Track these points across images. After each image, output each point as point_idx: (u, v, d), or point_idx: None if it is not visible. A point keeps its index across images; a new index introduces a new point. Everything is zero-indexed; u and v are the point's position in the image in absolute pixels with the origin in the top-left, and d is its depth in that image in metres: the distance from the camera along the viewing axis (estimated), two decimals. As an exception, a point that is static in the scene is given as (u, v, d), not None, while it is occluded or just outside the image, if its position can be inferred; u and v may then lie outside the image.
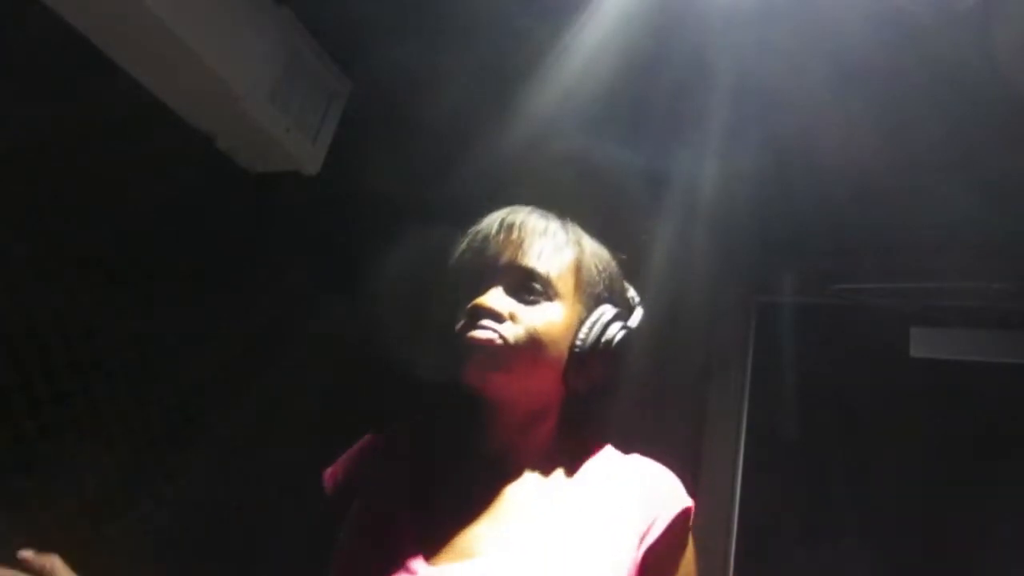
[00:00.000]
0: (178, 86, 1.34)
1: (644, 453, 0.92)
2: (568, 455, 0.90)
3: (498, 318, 0.85)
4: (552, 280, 0.88)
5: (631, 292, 1.00)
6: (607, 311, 0.90)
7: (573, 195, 1.72)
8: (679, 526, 0.83)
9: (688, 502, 0.86)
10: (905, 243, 1.69)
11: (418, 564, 0.79)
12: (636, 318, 0.96)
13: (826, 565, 1.65)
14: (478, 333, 0.84)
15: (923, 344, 1.71)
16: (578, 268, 0.91)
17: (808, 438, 1.73)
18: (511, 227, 0.91)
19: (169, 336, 1.46)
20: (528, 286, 0.88)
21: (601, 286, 0.93)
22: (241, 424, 1.58)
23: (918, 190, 1.49)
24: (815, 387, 1.77)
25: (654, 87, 1.40)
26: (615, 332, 0.89)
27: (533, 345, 0.85)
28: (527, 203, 0.98)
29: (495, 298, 0.86)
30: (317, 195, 1.72)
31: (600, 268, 0.94)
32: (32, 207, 1.23)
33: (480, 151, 1.60)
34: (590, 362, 0.88)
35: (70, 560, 0.76)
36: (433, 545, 0.81)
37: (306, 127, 1.48)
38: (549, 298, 0.88)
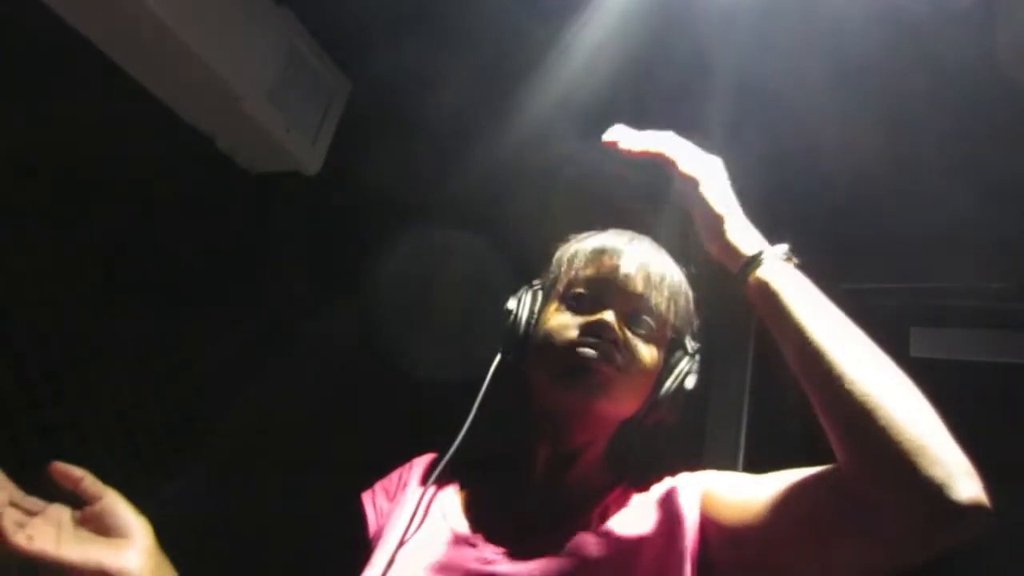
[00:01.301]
0: (178, 86, 1.34)
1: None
2: (612, 484, 0.89)
3: (619, 343, 0.83)
4: (665, 321, 0.88)
5: (692, 336, 0.97)
6: (685, 363, 0.91)
7: (571, 196, 1.72)
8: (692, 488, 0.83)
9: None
10: (905, 243, 1.69)
11: None
12: (696, 362, 0.94)
13: (826, 565, 1.65)
14: (597, 356, 0.82)
15: (923, 344, 1.70)
16: (677, 315, 0.91)
17: (808, 438, 1.72)
18: (643, 251, 0.91)
19: (169, 336, 1.46)
20: (643, 319, 0.87)
21: (683, 333, 0.93)
22: (241, 424, 1.58)
23: (918, 190, 1.49)
24: (815, 387, 1.77)
25: (654, 87, 1.40)
26: (689, 384, 0.90)
27: (639, 380, 0.86)
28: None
29: (616, 321, 0.84)
30: (317, 195, 1.72)
31: (688, 317, 0.94)
32: (32, 207, 1.23)
33: (480, 151, 1.60)
34: (664, 409, 0.89)
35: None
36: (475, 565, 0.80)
37: (306, 127, 1.48)
38: (655, 338, 0.88)
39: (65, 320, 1.26)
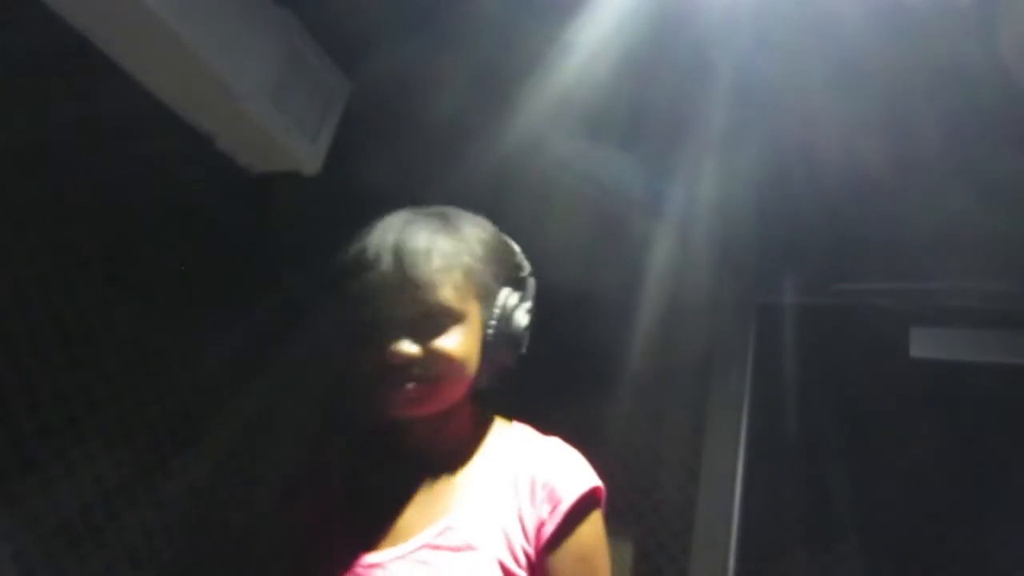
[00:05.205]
0: (178, 86, 1.34)
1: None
2: (484, 436, 0.94)
3: (413, 363, 0.85)
4: (453, 305, 0.86)
5: (519, 261, 0.98)
6: (508, 299, 0.91)
7: (572, 196, 1.72)
8: (579, 511, 0.85)
9: (593, 482, 0.87)
10: (905, 243, 1.69)
11: (356, 556, 0.85)
12: (531, 290, 0.97)
13: (826, 564, 1.65)
14: (399, 392, 0.85)
15: (923, 344, 1.71)
16: (469, 275, 0.88)
17: (808, 438, 1.73)
18: (395, 256, 0.87)
19: (169, 336, 1.46)
20: (432, 318, 0.86)
21: (492, 276, 0.91)
22: (241, 425, 1.58)
23: (918, 190, 1.49)
24: (815, 387, 1.77)
25: (654, 87, 1.40)
26: (520, 318, 0.92)
27: (456, 371, 0.87)
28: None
29: (406, 346, 0.85)
30: (317, 195, 1.72)
31: (489, 261, 0.92)
32: (32, 207, 1.23)
33: (479, 151, 1.60)
34: (502, 352, 0.91)
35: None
36: (369, 539, 0.87)
37: (306, 127, 1.48)
38: (456, 320, 0.87)
39: (65, 320, 1.26)
